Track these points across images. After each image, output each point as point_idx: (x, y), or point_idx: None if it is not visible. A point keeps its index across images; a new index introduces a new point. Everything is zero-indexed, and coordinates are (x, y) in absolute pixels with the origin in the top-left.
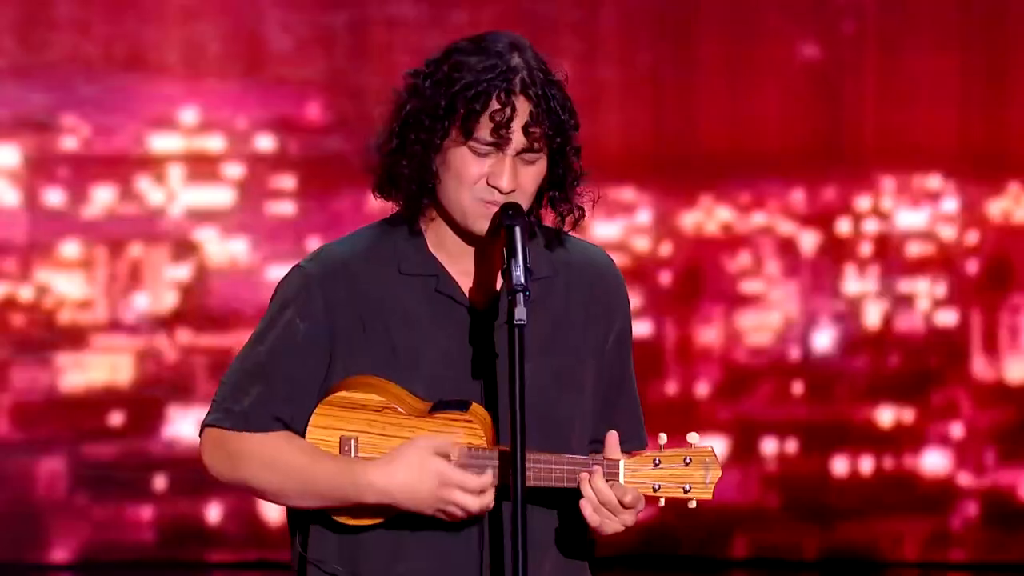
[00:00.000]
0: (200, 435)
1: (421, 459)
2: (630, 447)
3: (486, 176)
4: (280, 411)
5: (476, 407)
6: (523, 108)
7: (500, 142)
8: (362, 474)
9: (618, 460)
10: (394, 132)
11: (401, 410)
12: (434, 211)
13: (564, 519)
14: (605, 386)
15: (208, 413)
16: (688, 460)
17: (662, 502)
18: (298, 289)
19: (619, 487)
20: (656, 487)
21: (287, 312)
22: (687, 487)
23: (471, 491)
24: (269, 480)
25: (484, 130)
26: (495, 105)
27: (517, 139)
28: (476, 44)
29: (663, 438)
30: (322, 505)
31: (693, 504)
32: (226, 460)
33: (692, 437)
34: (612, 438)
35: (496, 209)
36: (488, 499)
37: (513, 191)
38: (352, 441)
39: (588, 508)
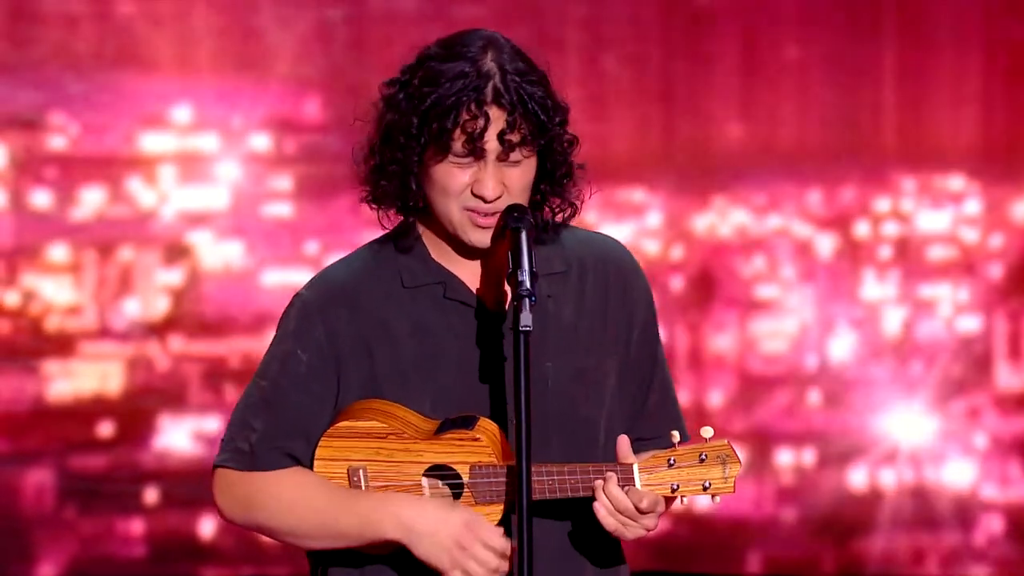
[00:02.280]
0: (212, 476)
1: (453, 507)
2: (665, 444)
3: (470, 185)
4: (288, 446)
5: (483, 422)
6: (497, 116)
7: (476, 153)
8: (389, 504)
9: (631, 464)
10: (374, 148)
11: (407, 434)
12: (431, 221)
13: (598, 529)
14: (635, 382)
15: (218, 453)
16: (704, 456)
17: (685, 501)
18: (297, 319)
19: (635, 492)
20: (674, 487)
21: (287, 343)
22: (706, 484)
23: (493, 549)
24: (285, 522)
25: (459, 143)
26: (466, 117)
27: (493, 147)
28: (448, 49)
29: (676, 436)
30: (336, 545)
31: (717, 500)
32: (239, 504)
33: (706, 431)
34: (623, 442)
35: (481, 218)
36: (505, 567)
37: (499, 197)
38: (360, 471)
39: (602, 511)
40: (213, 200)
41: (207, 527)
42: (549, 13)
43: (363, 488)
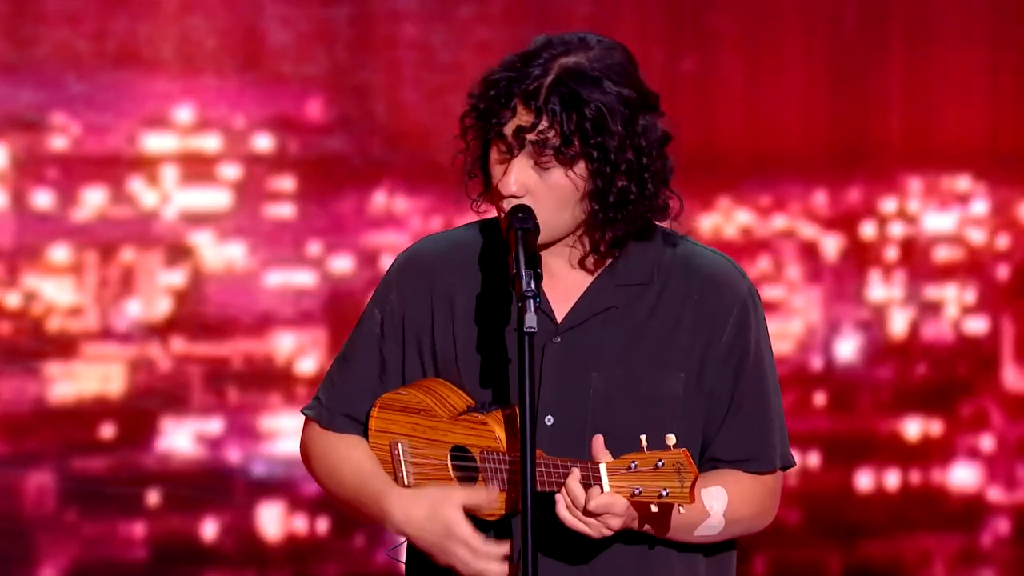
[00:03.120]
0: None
1: (441, 504)
2: (747, 469)
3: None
4: (353, 407)
5: (499, 411)
6: (523, 113)
7: (494, 139)
8: (384, 500)
9: (599, 464)
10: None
11: (437, 412)
12: None
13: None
14: (711, 402)
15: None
16: (660, 463)
17: (654, 507)
18: (383, 282)
19: (591, 492)
20: (636, 491)
21: (371, 304)
22: (663, 491)
23: (477, 553)
24: (326, 483)
25: (490, 127)
26: (497, 104)
27: (509, 141)
28: (540, 40)
29: (643, 440)
30: (366, 522)
31: (681, 510)
32: (305, 452)
33: (669, 439)
34: (596, 441)
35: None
36: (496, 569)
37: (518, 196)
38: (399, 445)
39: (560, 505)
40: (215, 201)
41: (209, 530)
42: (554, 13)
43: (402, 462)
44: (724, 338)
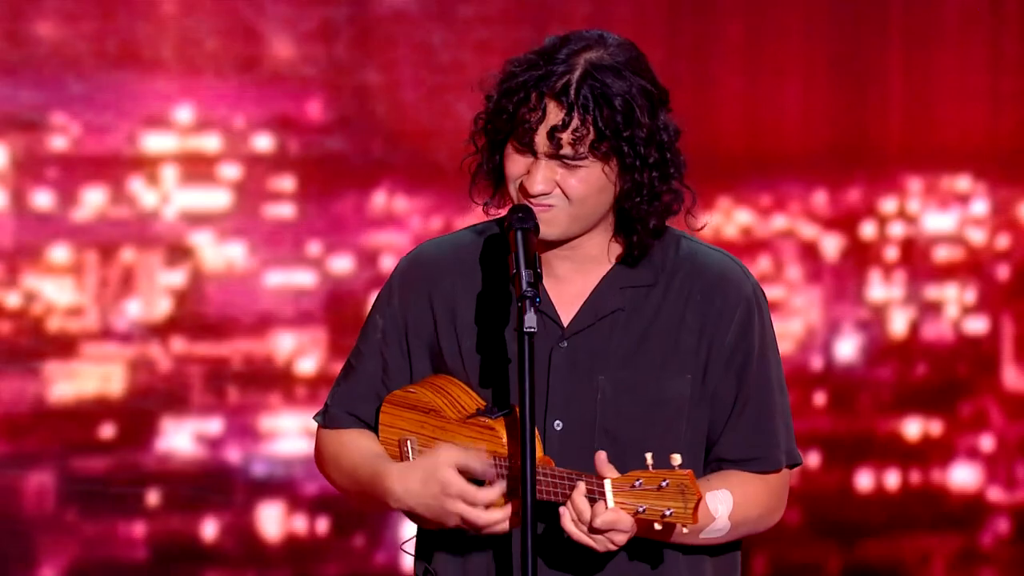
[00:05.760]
0: None
1: (434, 468)
2: (753, 468)
3: (523, 176)
4: (356, 407)
5: (508, 416)
6: (554, 111)
7: (528, 144)
8: (384, 479)
9: (603, 480)
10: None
11: (446, 413)
12: None
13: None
14: (714, 403)
15: None
16: (664, 484)
17: (657, 525)
18: (385, 287)
19: (598, 508)
20: (640, 509)
21: (374, 310)
22: (667, 511)
23: (475, 503)
24: (336, 479)
25: (517, 129)
26: (526, 106)
27: (541, 142)
28: (558, 38)
29: (648, 458)
30: (378, 507)
31: (685, 530)
32: (317, 456)
33: (674, 459)
34: (599, 456)
35: (536, 207)
36: (498, 515)
37: (546, 194)
38: (409, 442)
39: (565, 518)
40: (215, 201)
41: (209, 529)
42: (554, 13)
43: (411, 459)
44: (728, 339)
